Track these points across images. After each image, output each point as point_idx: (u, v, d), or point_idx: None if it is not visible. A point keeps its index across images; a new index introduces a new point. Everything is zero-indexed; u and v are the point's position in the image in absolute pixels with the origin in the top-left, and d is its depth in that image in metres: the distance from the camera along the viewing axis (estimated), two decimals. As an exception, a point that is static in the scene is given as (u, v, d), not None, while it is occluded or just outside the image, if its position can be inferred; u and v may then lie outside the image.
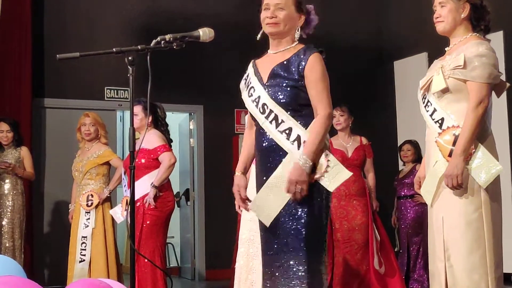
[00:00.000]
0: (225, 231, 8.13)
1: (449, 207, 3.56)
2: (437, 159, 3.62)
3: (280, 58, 3.41)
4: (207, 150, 8.85)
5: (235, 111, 8.83)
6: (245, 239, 5.00)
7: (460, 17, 3.70)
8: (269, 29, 3.43)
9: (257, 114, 3.41)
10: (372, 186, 6.83)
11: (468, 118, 3.51)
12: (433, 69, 3.74)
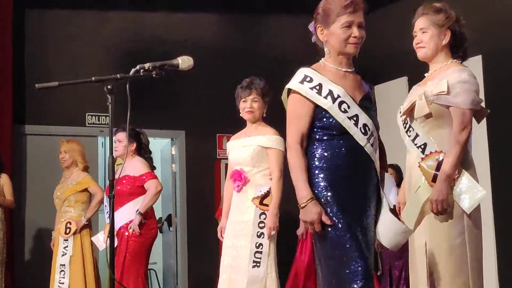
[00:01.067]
0: (208, 257, 8.09)
1: (432, 232, 3.57)
2: (420, 184, 3.63)
3: (356, 79, 3.32)
4: (189, 175, 8.82)
5: (217, 136, 8.82)
6: (226, 266, 4.99)
7: (441, 44, 3.74)
8: (354, 50, 3.25)
9: (356, 134, 3.18)
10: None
11: (452, 144, 3.54)
12: (413, 94, 3.77)
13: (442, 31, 3.73)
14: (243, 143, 5.14)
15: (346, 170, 3.14)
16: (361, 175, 3.16)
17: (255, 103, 5.13)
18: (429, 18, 3.76)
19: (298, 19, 9.24)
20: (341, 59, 3.29)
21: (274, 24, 9.19)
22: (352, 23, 3.21)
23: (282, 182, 5.03)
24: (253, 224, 4.94)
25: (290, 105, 3.32)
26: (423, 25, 3.77)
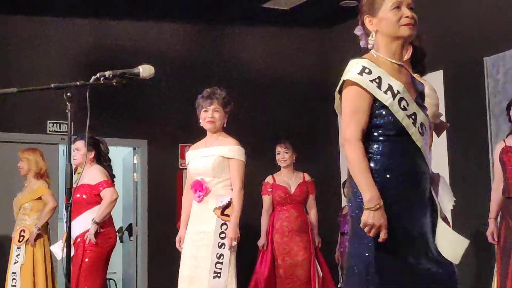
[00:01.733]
0: (168, 267, 8.02)
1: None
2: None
3: (408, 73, 3.13)
4: (151, 184, 8.76)
5: (179, 146, 8.79)
6: (186, 276, 4.98)
7: (404, 59, 3.76)
8: (408, 31, 3.00)
9: (415, 133, 2.95)
10: (314, 222, 6.88)
11: None
12: None
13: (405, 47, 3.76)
14: (204, 153, 5.13)
15: (403, 174, 2.94)
16: (419, 180, 2.96)
17: (216, 113, 5.13)
18: None
19: (262, 31, 9.30)
20: (395, 49, 3.04)
21: (237, 35, 9.20)
22: (401, 3, 2.99)
23: (243, 193, 5.03)
24: (214, 234, 4.94)
25: (348, 98, 3.01)
26: None
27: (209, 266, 4.88)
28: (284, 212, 6.83)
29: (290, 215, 6.80)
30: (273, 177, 7.00)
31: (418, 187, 2.95)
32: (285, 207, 6.84)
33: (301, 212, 6.86)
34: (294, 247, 6.67)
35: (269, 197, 6.91)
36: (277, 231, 6.77)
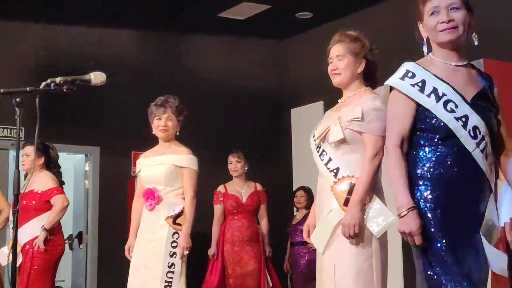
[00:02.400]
0: (118, 275, 7.94)
1: (341, 255, 3.60)
2: (331, 208, 3.66)
3: (469, 74, 2.99)
4: (102, 192, 8.68)
5: (132, 153, 8.73)
6: (134, 285, 4.96)
7: (357, 72, 3.81)
8: (445, 36, 2.94)
9: (464, 137, 2.86)
10: (265, 232, 6.90)
11: (365, 169, 3.60)
12: (327, 119, 3.81)
13: (357, 59, 3.80)
14: (156, 162, 5.11)
15: (451, 180, 2.85)
16: (469, 187, 2.86)
17: (169, 121, 5.12)
18: (345, 45, 3.82)
19: (218, 40, 9.31)
20: (447, 51, 2.97)
21: (194, 44, 9.18)
22: (439, 7, 2.94)
23: (195, 202, 5.02)
24: (166, 243, 4.92)
25: (390, 103, 3.03)
26: (340, 52, 3.81)
27: (159, 276, 4.86)
28: (235, 222, 6.84)
29: (242, 224, 6.81)
30: (225, 186, 7.00)
31: (469, 196, 2.86)
32: (237, 216, 6.85)
33: (252, 221, 6.88)
34: (244, 257, 6.68)
35: (221, 206, 6.92)
36: (228, 240, 6.78)
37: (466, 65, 2.98)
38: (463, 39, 2.94)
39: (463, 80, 2.94)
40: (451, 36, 2.91)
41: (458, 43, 2.94)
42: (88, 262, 8.74)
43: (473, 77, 2.98)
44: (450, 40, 2.92)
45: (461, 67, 2.97)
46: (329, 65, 3.86)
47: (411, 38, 7.84)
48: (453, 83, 2.91)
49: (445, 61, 2.97)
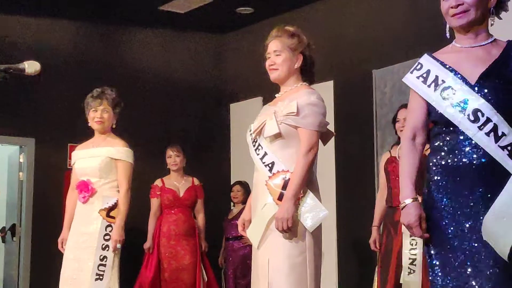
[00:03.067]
0: (51, 268, 7.85)
1: (275, 249, 3.63)
2: (266, 202, 3.68)
3: (485, 54, 2.87)
4: (37, 184, 8.55)
5: (68, 145, 8.62)
6: (67, 278, 4.91)
7: (294, 67, 3.83)
8: (457, 22, 2.86)
9: (462, 122, 2.79)
10: (201, 227, 6.91)
11: (299, 163, 3.62)
12: (263, 114, 3.83)
13: (295, 55, 3.83)
14: (91, 154, 5.07)
15: (458, 168, 2.80)
16: (475, 173, 2.78)
17: (105, 113, 5.09)
18: (283, 41, 3.84)
19: (158, 33, 9.24)
20: (463, 35, 2.89)
21: (133, 36, 9.09)
22: None
23: (129, 195, 5.00)
24: (99, 236, 4.90)
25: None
26: (277, 48, 3.83)
27: (91, 268, 4.82)
28: (171, 216, 6.82)
29: (178, 218, 6.81)
30: (162, 180, 6.98)
31: (465, 179, 2.80)
32: (173, 210, 6.84)
33: (189, 216, 6.88)
34: (180, 251, 6.68)
35: (157, 200, 6.90)
36: (164, 234, 6.76)
37: (486, 44, 2.88)
38: (478, 20, 2.86)
39: (474, 62, 2.86)
40: (461, 21, 2.84)
41: (473, 26, 2.86)
42: (21, 255, 8.61)
43: (489, 55, 2.87)
44: (460, 25, 2.86)
45: (478, 47, 2.88)
46: (267, 60, 3.87)
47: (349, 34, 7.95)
48: (461, 66, 2.85)
49: (462, 45, 2.90)
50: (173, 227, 6.77)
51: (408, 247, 5.12)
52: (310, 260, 3.63)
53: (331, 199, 7.49)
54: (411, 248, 5.12)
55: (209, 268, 6.82)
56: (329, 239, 7.46)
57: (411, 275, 5.08)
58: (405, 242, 5.13)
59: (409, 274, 5.08)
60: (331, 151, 7.50)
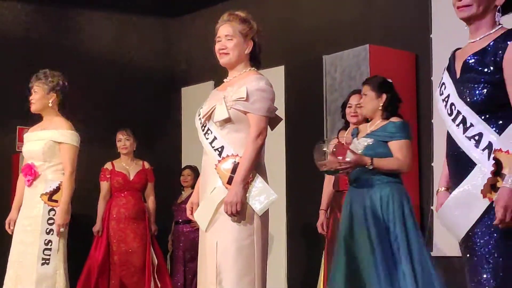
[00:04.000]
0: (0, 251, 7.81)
1: (223, 232, 3.67)
2: (215, 186, 3.72)
3: (476, 47, 2.92)
4: (-16, 167, 8.45)
5: (17, 128, 8.53)
6: (13, 261, 4.89)
7: (244, 52, 3.86)
8: (460, 14, 2.93)
9: (444, 116, 2.97)
10: (151, 210, 6.93)
11: (248, 148, 3.67)
12: (212, 99, 3.86)
13: (246, 41, 3.86)
14: (37, 137, 5.05)
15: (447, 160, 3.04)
16: (457, 161, 2.95)
17: (36, 94, 5.07)
18: (234, 26, 3.86)
19: (109, 16, 9.17)
20: (470, 28, 2.97)
21: (83, 19, 9.01)
22: None
23: (74, 178, 4.97)
24: (42, 220, 4.88)
25: None
26: (229, 32, 3.85)
27: (36, 253, 4.81)
28: (121, 199, 6.84)
29: (128, 202, 6.82)
30: (112, 164, 6.98)
31: (457, 167, 2.95)
32: (123, 193, 6.85)
33: (138, 199, 6.90)
34: (130, 234, 6.70)
35: (107, 183, 6.90)
36: (113, 217, 6.77)
37: (483, 37, 2.92)
38: (480, 15, 2.91)
39: (463, 55, 2.96)
40: (463, 14, 2.91)
41: (476, 19, 2.92)
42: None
43: (475, 48, 2.93)
44: (462, 18, 2.94)
45: (476, 41, 2.94)
46: (217, 44, 3.89)
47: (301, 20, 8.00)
48: (458, 62, 2.97)
49: (468, 40, 3.00)
50: (122, 210, 6.77)
51: (354, 230, 5.23)
52: (258, 243, 3.68)
53: (281, 183, 7.57)
54: (357, 231, 5.23)
55: (159, 251, 6.85)
56: (278, 223, 7.56)
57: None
58: (351, 225, 5.24)
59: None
60: (281, 135, 7.57)
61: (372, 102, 4.83)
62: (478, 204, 2.80)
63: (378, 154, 4.64)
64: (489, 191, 2.76)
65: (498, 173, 2.74)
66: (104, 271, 6.65)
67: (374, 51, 6.59)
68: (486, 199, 2.77)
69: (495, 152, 2.77)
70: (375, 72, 6.45)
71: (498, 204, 2.70)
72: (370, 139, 4.73)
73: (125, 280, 6.61)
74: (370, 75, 6.43)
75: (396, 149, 4.66)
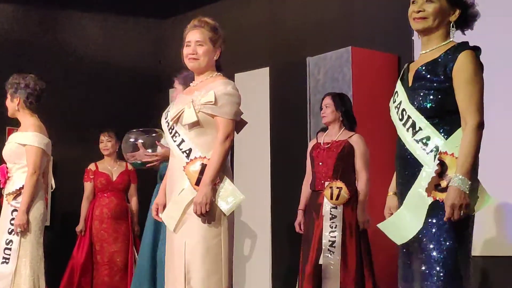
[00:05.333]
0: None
1: (192, 232, 3.77)
2: (183, 187, 3.82)
3: (428, 58, 3.08)
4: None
5: (7, 128, 8.57)
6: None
7: (213, 59, 3.99)
8: (415, 25, 3.08)
9: (396, 121, 3.13)
10: (134, 211, 7.01)
11: (216, 150, 3.78)
12: (180, 102, 3.96)
13: (215, 48, 3.98)
14: (10, 139, 5.21)
15: (396, 160, 3.18)
16: (398, 167, 3.14)
17: (6, 99, 5.21)
18: (205, 32, 3.98)
19: (96, 17, 9.18)
20: (423, 39, 3.13)
21: (71, 19, 8.98)
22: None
23: (35, 179, 5.00)
24: (4, 220, 5.02)
25: None
26: (199, 38, 3.96)
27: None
28: (104, 199, 6.93)
29: (110, 202, 6.91)
30: (95, 165, 7.08)
31: (398, 169, 3.14)
32: (106, 194, 6.95)
33: (121, 200, 6.99)
34: (112, 234, 6.79)
35: (91, 184, 7.00)
36: (96, 217, 6.86)
37: (434, 49, 3.09)
38: (434, 29, 3.07)
39: (416, 66, 3.11)
40: (418, 26, 3.07)
41: (429, 32, 3.08)
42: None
43: (427, 58, 3.09)
44: (417, 29, 3.09)
45: (428, 52, 3.10)
46: (186, 48, 4.00)
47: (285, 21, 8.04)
48: (410, 72, 3.13)
49: (421, 51, 3.15)
50: (105, 210, 6.87)
51: (328, 229, 5.35)
52: (225, 243, 3.79)
53: (266, 183, 7.65)
54: (330, 231, 5.35)
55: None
56: (263, 222, 7.65)
57: (330, 256, 5.29)
58: (325, 224, 5.35)
59: (328, 256, 5.29)
60: (266, 136, 7.66)
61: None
62: (424, 203, 2.95)
63: None
64: (433, 189, 2.92)
65: (442, 174, 2.90)
66: (87, 270, 6.75)
67: (356, 53, 6.67)
68: (430, 197, 2.93)
69: (441, 154, 2.93)
70: (357, 73, 6.55)
71: (447, 203, 2.87)
72: None
73: (108, 280, 6.70)
74: (352, 77, 6.53)
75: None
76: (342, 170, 5.46)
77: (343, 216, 5.38)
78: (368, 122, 6.12)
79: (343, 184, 5.40)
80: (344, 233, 5.34)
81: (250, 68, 7.96)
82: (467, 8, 3.09)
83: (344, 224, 5.36)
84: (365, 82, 6.52)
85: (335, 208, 5.39)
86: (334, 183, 5.42)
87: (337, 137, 5.61)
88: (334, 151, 5.52)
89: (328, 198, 5.41)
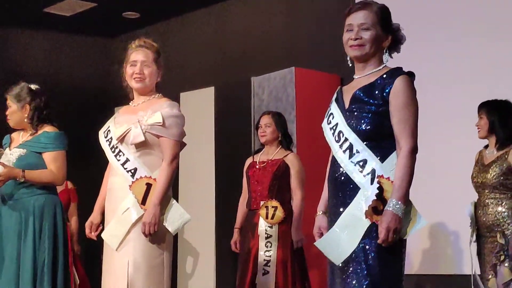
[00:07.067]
0: None
1: (136, 251, 3.81)
2: (128, 206, 3.86)
3: (364, 82, 3.11)
4: None
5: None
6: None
7: (156, 81, 4.06)
8: (352, 52, 3.11)
9: (332, 142, 3.14)
10: (74, 230, 6.94)
11: (164, 171, 3.85)
12: (123, 121, 3.98)
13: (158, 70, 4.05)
14: None
15: (328, 181, 3.21)
16: (338, 185, 3.12)
17: None
18: (150, 54, 4.04)
19: (43, 36, 9.14)
20: (357, 65, 3.16)
21: (16, 38, 8.93)
22: (352, 25, 3.11)
23: None
24: None
25: None
26: (146, 58, 4.02)
27: None
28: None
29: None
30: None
31: (332, 190, 3.15)
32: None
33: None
34: (51, 254, 6.71)
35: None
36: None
37: (370, 73, 3.12)
38: (371, 55, 3.11)
39: (351, 90, 3.15)
40: (356, 53, 3.09)
41: (366, 58, 3.11)
42: None
43: (362, 83, 3.13)
44: (355, 56, 3.11)
45: (364, 77, 3.13)
46: (131, 67, 4.05)
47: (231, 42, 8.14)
48: (346, 94, 3.15)
49: (355, 76, 3.19)
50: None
51: (263, 249, 5.40)
52: (167, 261, 3.87)
53: (210, 200, 7.71)
54: (266, 250, 5.40)
55: (82, 270, 6.86)
56: (208, 242, 7.70)
57: (266, 275, 5.35)
58: (260, 244, 5.41)
59: (264, 275, 5.36)
60: (211, 154, 7.73)
61: (16, 114, 4.79)
62: (362, 225, 3.00)
63: (30, 165, 4.59)
64: (371, 213, 2.97)
65: (380, 197, 2.97)
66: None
67: (299, 73, 6.78)
68: (367, 219, 2.98)
69: (379, 178, 2.98)
70: (301, 93, 6.66)
71: (381, 226, 2.91)
72: (23, 150, 4.66)
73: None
74: (296, 97, 6.63)
75: (49, 161, 4.68)
76: (278, 189, 5.51)
77: (278, 235, 5.42)
78: (311, 142, 6.20)
79: (278, 204, 5.44)
80: (279, 252, 5.39)
81: (195, 87, 8.04)
82: (395, 32, 3.17)
83: (280, 242, 5.41)
84: (308, 102, 6.61)
85: (270, 227, 5.44)
86: (269, 202, 5.45)
87: (273, 156, 5.65)
88: (270, 170, 5.56)
89: (264, 217, 5.44)
